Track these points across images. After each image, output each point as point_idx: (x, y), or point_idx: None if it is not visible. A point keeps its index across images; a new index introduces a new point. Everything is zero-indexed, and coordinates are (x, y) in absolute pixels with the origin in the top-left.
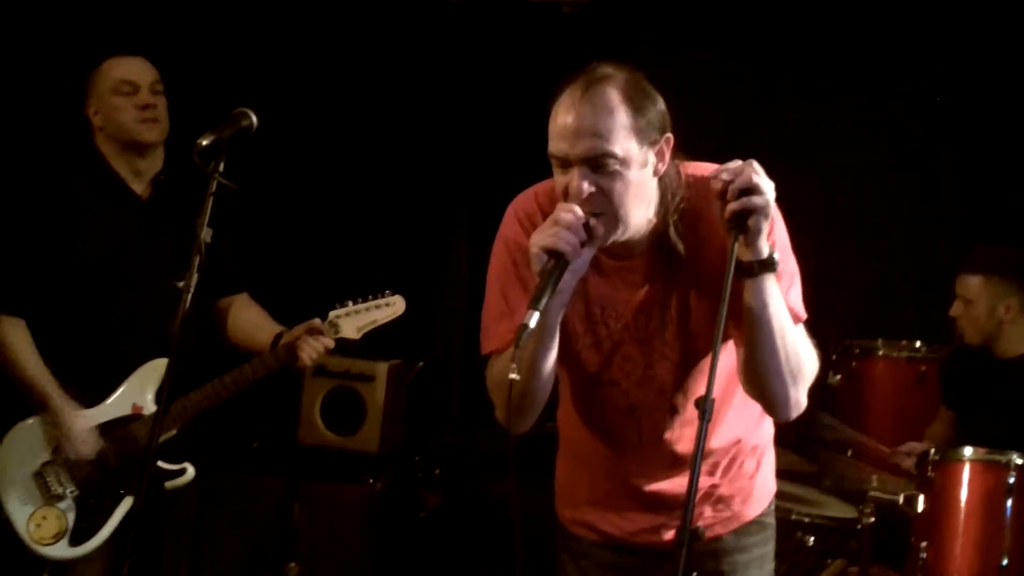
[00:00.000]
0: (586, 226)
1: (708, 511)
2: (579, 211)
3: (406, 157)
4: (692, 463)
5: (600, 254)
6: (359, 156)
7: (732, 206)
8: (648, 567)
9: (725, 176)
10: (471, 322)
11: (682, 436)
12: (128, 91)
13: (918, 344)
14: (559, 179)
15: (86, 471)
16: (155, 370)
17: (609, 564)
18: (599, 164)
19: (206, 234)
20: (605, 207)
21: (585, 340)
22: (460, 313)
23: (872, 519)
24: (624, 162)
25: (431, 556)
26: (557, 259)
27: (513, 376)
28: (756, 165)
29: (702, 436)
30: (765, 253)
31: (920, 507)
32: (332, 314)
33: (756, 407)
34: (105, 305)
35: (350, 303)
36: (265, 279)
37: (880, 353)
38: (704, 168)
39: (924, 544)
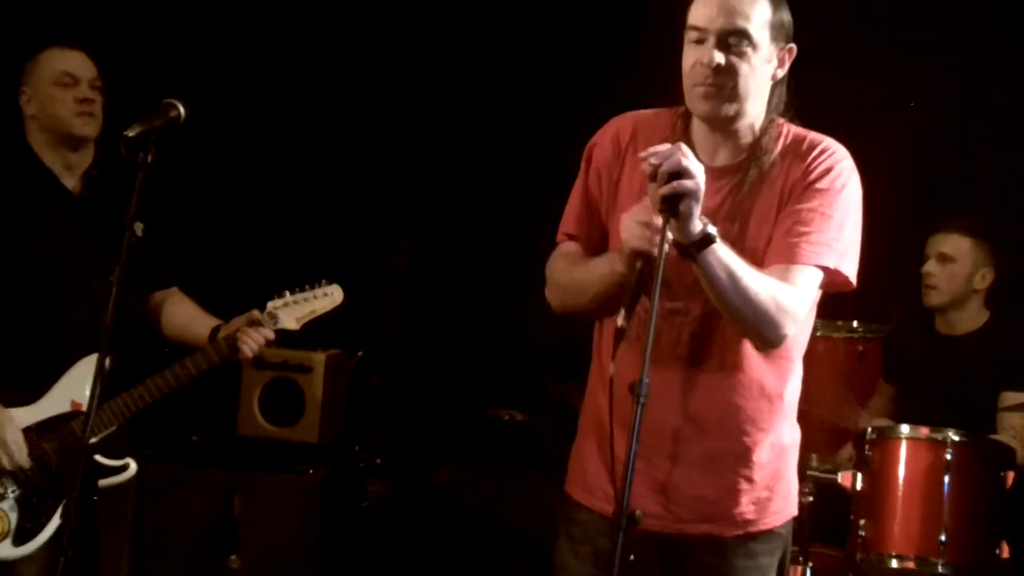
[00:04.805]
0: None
1: (719, 509)
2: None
3: (349, 147)
4: (629, 443)
5: (702, 156)
6: (302, 148)
7: (662, 190)
8: (647, 555)
9: (654, 160)
10: (412, 311)
11: (723, 385)
12: (68, 83)
13: (855, 324)
14: (689, 55)
15: (27, 471)
16: (92, 366)
17: (609, 553)
18: (733, 42)
19: (137, 228)
20: (727, 83)
21: None
22: (402, 302)
23: (811, 498)
24: (755, 47)
25: (375, 545)
26: (645, 260)
27: (620, 323)
28: (685, 148)
29: (637, 418)
30: (697, 232)
31: (859, 485)
32: (270, 305)
33: (787, 403)
34: (40, 302)
35: (287, 293)
36: (204, 272)
37: (818, 334)
38: (804, 132)
39: (863, 522)
